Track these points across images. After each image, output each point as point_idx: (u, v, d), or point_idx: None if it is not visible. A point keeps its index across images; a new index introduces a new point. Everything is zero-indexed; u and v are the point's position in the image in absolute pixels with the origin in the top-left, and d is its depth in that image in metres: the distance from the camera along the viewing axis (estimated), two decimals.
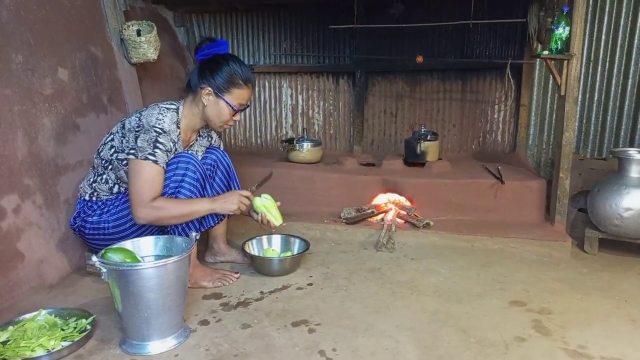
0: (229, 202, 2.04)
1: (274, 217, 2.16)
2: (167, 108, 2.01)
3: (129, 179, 1.92)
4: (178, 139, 2.05)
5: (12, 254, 1.98)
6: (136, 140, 1.91)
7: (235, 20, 3.94)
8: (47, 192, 2.19)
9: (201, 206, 2.00)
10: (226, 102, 2.04)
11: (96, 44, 2.64)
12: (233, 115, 2.10)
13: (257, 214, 2.17)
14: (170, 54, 3.59)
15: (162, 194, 1.94)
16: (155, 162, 1.91)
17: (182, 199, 1.98)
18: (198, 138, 2.27)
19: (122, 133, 2.00)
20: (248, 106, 2.20)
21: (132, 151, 1.91)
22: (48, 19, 2.33)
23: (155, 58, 2.81)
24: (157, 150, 1.92)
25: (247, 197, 2.09)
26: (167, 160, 1.97)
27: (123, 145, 1.99)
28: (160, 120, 1.95)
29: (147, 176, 1.89)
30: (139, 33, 2.73)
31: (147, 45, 2.74)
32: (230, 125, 2.19)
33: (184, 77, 3.72)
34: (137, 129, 1.93)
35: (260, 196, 2.17)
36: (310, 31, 3.82)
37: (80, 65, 2.49)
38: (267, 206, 2.15)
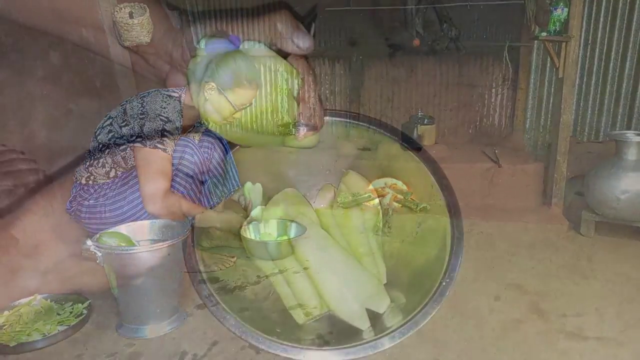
0: (231, 221, 2.11)
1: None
2: (169, 96, 1.98)
3: (139, 169, 1.89)
4: (179, 127, 2.02)
5: (6, 239, 1.96)
6: (142, 128, 1.88)
7: (229, 4, 3.87)
8: (41, 177, 2.17)
9: (209, 214, 2.05)
10: (228, 100, 2.02)
11: (88, 26, 2.59)
12: (233, 114, 2.07)
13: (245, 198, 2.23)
14: (163, 38, 3.53)
15: None
16: (165, 150, 1.89)
17: (193, 204, 2.00)
18: (195, 125, 2.24)
19: (124, 119, 1.98)
20: (250, 106, 2.17)
21: (138, 139, 1.89)
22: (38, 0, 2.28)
23: (148, 41, 2.75)
24: (165, 138, 1.90)
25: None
26: (173, 148, 1.96)
27: (123, 131, 1.97)
28: (164, 108, 1.92)
29: (159, 166, 1.87)
30: (131, 15, 2.67)
31: (139, 28, 2.68)
32: (230, 122, 2.17)
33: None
34: (141, 116, 1.90)
35: (254, 184, 2.23)
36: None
37: (72, 48, 2.44)
38: (254, 199, 2.21)
